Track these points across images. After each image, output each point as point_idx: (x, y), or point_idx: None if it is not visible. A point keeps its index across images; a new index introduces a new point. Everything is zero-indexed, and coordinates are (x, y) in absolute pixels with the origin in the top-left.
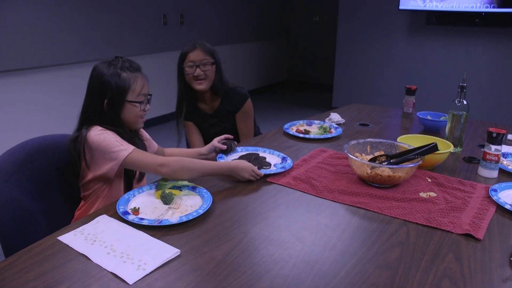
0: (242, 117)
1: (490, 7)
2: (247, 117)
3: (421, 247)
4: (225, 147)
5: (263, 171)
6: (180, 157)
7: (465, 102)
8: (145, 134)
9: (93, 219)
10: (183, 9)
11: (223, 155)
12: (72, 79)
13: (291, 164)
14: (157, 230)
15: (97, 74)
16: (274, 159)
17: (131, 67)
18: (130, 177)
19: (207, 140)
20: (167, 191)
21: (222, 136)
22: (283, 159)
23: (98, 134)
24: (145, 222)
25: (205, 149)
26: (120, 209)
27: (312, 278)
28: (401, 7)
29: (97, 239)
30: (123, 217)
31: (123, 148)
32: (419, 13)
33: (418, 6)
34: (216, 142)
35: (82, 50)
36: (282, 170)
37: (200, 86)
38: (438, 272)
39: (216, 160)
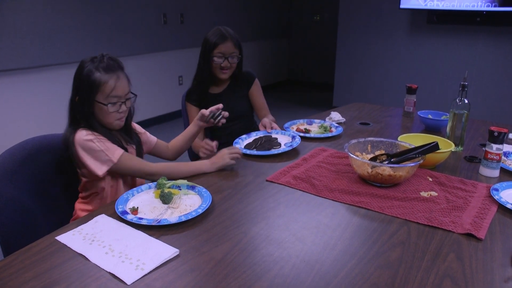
0: (256, 92)
1: (491, 6)
2: (259, 91)
3: (422, 247)
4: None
5: (274, 151)
6: (166, 163)
7: (466, 101)
8: (138, 127)
9: (92, 218)
10: (183, 8)
11: (239, 141)
12: (72, 78)
13: (299, 142)
14: (156, 230)
15: (78, 69)
16: (285, 139)
17: (108, 67)
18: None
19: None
20: (166, 190)
21: (213, 108)
22: (293, 137)
23: (83, 142)
24: (144, 222)
25: (194, 129)
26: (119, 208)
27: (312, 278)
28: (402, 6)
29: (95, 239)
30: (121, 216)
31: (107, 159)
32: (420, 12)
33: (419, 5)
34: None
35: (82, 49)
36: (290, 148)
37: (224, 75)
38: (440, 272)
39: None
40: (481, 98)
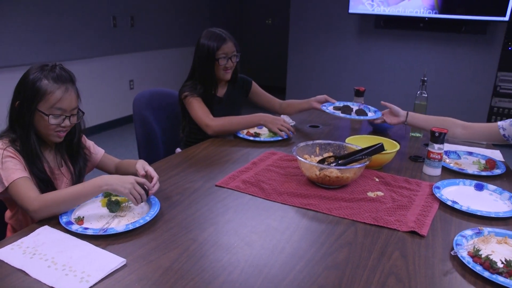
0: (258, 91)
1: (432, 13)
2: (260, 91)
3: (369, 246)
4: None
5: (370, 117)
6: (50, 196)
7: (425, 94)
8: (83, 142)
9: (33, 230)
10: (133, 11)
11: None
12: (10, 83)
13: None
14: (102, 240)
15: (24, 74)
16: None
17: (59, 77)
18: (48, 186)
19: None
20: (113, 198)
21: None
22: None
23: None
24: (89, 232)
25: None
26: (63, 219)
27: (261, 283)
28: (350, 11)
29: (37, 252)
30: (66, 227)
31: (1, 180)
32: (368, 17)
33: (367, 10)
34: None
35: (25, 52)
36: (378, 115)
37: (228, 75)
38: (385, 270)
39: None
40: None
